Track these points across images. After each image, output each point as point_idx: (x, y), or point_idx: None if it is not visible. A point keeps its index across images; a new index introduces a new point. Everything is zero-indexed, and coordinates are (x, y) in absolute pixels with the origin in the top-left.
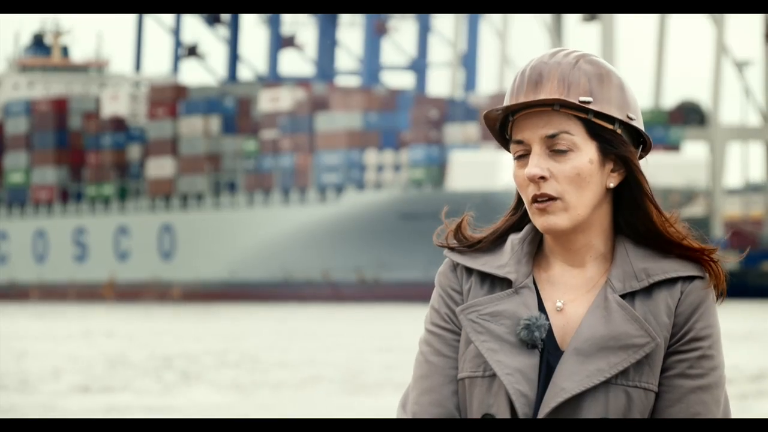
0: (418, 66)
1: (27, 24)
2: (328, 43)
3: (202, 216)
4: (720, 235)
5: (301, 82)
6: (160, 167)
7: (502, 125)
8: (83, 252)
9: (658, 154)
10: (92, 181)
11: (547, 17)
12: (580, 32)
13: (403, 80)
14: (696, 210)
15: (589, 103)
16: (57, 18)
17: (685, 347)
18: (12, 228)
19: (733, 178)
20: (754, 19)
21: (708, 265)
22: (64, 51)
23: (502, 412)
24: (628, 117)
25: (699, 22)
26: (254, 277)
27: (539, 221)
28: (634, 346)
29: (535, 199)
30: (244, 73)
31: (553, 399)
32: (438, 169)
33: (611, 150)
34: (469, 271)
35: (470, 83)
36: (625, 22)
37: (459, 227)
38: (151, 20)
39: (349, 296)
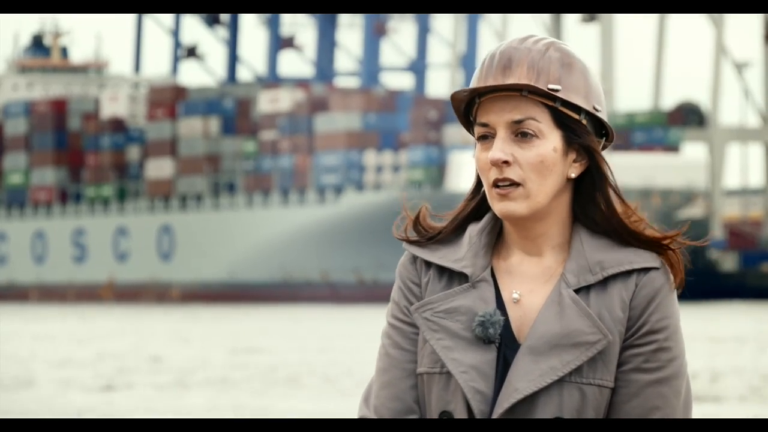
0: (418, 67)
1: (26, 25)
2: (327, 44)
3: (202, 217)
4: (719, 236)
5: (301, 83)
6: (160, 168)
7: (468, 107)
8: (82, 253)
9: (657, 155)
10: (91, 182)
11: (546, 18)
12: (579, 33)
13: (403, 81)
14: (695, 211)
15: (557, 91)
16: (56, 19)
17: (640, 341)
18: (11, 229)
19: (732, 179)
20: (754, 20)
21: (666, 254)
22: (64, 52)
23: (460, 410)
24: (594, 108)
25: (698, 23)
26: (253, 278)
27: (498, 206)
28: (587, 343)
29: (495, 184)
30: (244, 74)
31: (507, 399)
32: (437, 170)
33: (575, 139)
34: (428, 264)
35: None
36: (625, 23)
37: (417, 218)
38: (151, 21)
39: (348, 297)
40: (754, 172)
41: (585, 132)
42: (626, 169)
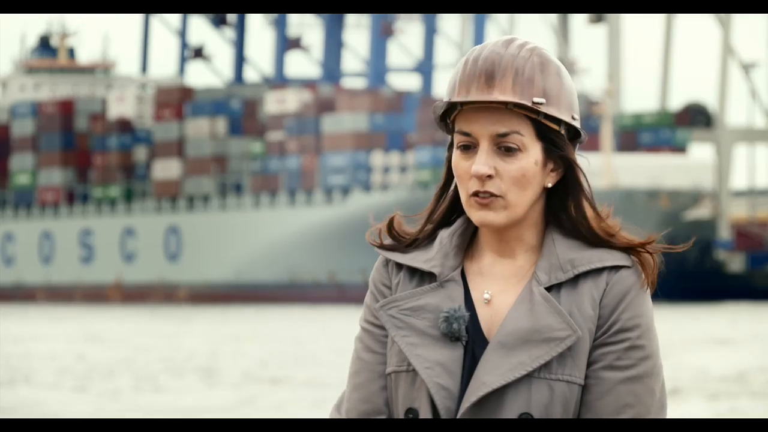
0: (425, 67)
1: (33, 26)
2: (334, 45)
3: (209, 217)
4: (726, 237)
5: (308, 83)
6: (167, 169)
7: (447, 109)
8: (89, 253)
9: (664, 156)
10: (98, 182)
11: (553, 18)
12: (586, 33)
13: (410, 82)
14: (702, 212)
15: (542, 105)
16: (63, 19)
17: (611, 339)
18: (18, 229)
19: (739, 180)
20: (761, 21)
21: (639, 255)
22: (71, 53)
23: (424, 406)
24: (573, 117)
25: (705, 24)
26: (260, 279)
27: (476, 215)
28: (556, 339)
29: (476, 194)
30: (251, 74)
31: (474, 393)
32: None
33: (556, 151)
34: (399, 266)
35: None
36: (632, 24)
37: (391, 225)
38: (158, 22)
39: (355, 298)
40: (761, 172)
41: (564, 143)
42: (633, 169)
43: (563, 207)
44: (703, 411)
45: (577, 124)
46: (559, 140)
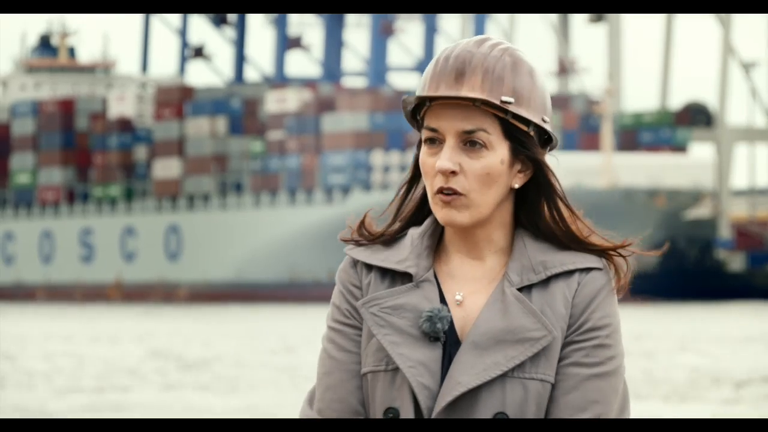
0: (425, 67)
1: (34, 25)
2: (334, 44)
3: (209, 217)
4: (726, 237)
5: (308, 83)
6: (167, 168)
7: (417, 105)
8: (90, 252)
9: (664, 155)
10: (99, 181)
11: (553, 18)
12: (586, 33)
13: (410, 81)
14: (702, 211)
15: (510, 104)
16: (64, 19)
17: (581, 337)
18: (18, 228)
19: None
20: (761, 20)
21: (611, 258)
22: (71, 52)
23: (406, 406)
24: (543, 120)
25: (706, 23)
26: (261, 278)
27: (441, 213)
28: (531, 339)
29: (440, 191)
30: (251, 74)
31: (449, 393)
32: None
33: (523, 151)
34: (369, 267)
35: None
36: (632, 23)
37: (362, 223)
38: (158, 21)
39: None
40: (761, 172)
41: (532, 144)
42: (634, 169)
43: (535, 208)
44: (703, 411)
45: (548, 126)
46: (528, 141)
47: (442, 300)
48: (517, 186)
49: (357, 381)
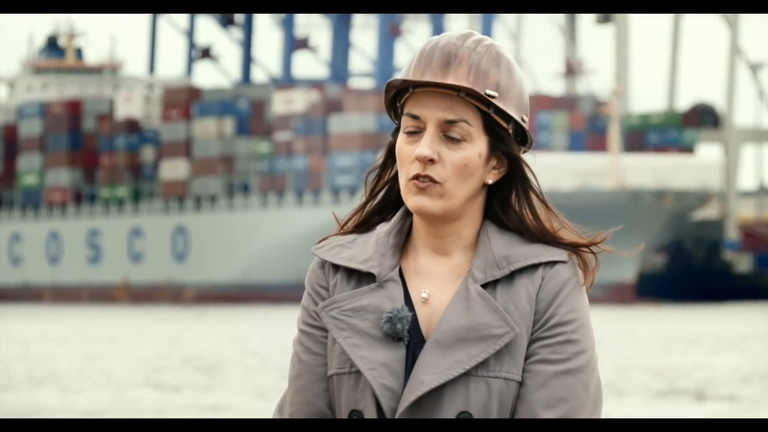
0: None
1: (41, 26)
2: (341, 45)
3: (216, 218)
4: (733, 238)
5: (315, 83)
6: (174, 169)
7: (397, 93)
8: (97, 254)
9: (672, 156)
10: (106, 182)
11: (560, 19)
12: (594, 34)
13: None
14: (710, 212)
15: (494, 97)
16: (71, 20)
17: (547, 333)
18: (26, 230)
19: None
20: None
21: (580, 254)
22: (78, 53)
23: (369, 408)
24: (522, 119)
25: (713, 24)
26: (268, 279)
27: (413, 199)
28: (494, 336)
29: (416, 177)
30: (258, 75)
31: (412, 393)
32: None
33: (500, 147)
34: (336, 267)
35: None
36: (639, 24)
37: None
38: (165, 22)
39: None
40: None
41: (510, 140)
42: (641, 170)
43: (507, 202)
44: (702, 411)
45: (526, 126)
46: (506, 137)
47: (408, 299)
48: (490, 182)
49: (324, 383)
